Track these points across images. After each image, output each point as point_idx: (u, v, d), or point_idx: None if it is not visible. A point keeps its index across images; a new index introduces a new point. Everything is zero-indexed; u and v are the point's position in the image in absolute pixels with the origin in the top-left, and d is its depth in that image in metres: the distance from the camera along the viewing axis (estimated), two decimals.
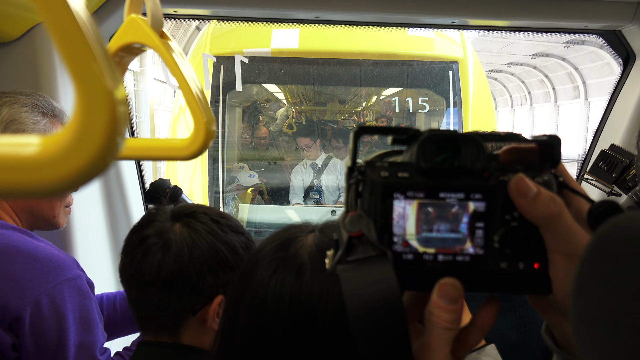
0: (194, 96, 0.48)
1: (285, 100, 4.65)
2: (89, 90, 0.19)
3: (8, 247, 1.07)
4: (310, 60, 3.79)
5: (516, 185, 0.41)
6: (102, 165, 0.20)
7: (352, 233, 0.39)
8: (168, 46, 0.48)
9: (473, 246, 0.42)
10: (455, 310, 0.40)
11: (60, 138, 0.20)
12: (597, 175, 1.49)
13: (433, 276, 0.41)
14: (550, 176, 0.42)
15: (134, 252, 0.97)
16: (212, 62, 3.55)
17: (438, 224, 0.42)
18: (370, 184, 0.41)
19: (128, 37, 0.47)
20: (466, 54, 3.83)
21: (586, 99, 12.14)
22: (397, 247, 0.42)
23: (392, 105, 4.29)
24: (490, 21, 1.71)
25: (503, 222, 0.41)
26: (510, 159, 0.46)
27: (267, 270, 0.60)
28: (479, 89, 3.88)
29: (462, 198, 0.41)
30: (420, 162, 0.41)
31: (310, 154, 4.10)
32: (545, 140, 0.44)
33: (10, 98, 1.13)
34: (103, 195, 1.84)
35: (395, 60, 3.79)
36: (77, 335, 1.10)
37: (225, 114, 3.78)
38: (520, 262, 0.42)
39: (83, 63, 0.18)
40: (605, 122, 1.93)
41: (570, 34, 2.21)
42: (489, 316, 0.45)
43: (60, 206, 1.26)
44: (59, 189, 0.20)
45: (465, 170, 0.41)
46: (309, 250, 0.61)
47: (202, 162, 3.63)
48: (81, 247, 1.65)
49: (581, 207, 0.43)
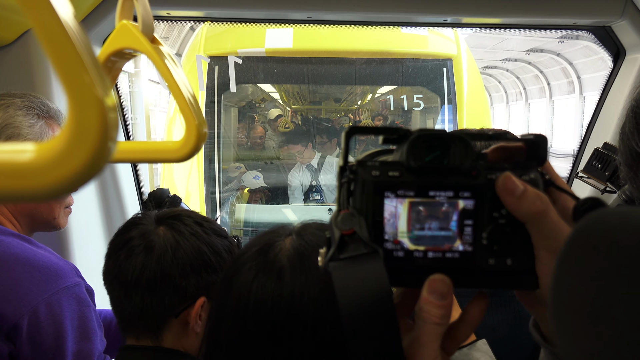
0: (185, 100, 0.49)
1: (281, 99, 4.66)
2: (80, 99, 0.20)
3: (6, 254, 1.05)
4: (305, 60, 3.80)
5: (503, 183, 0.42)
6: (94, 169, 0.21)
7: (344, 231, 0.40)
8: (159, 51, 0.49)
9: (462, 243, 0.43)
10: (445, 305, 0.41)
11: (53, 145, 0.21)
12: (591, 173, 1.50)
13: (423, 273, 0.42)
14: (537, 174, 0.43)
15: (118, 253, 0.97)
16: (206, 63, 3.56)
17: (429, 222, 0.43)
18: (362, 183, 0.42)
19: (119, 43, 0.49)
20: (460, 50, 3.84)
21: (581, 94, 12.18)
22: (388, 245, 0.43)
23: (387, 104, 4.30)
24: (482, 19, 1.72)
25: (491, 220, 0.43)
26: (498, 158, 0.47)
27: (248, 276, 0.62)
28: (474, 86, 3.90)
29: (451, 196, 0.42)
30: (410, 161, 0.42)
31: (304, 159, 4.12)
32: (532, 139, 0.45)
33: (4, 101, 1.11)
34: (100, 200, 1.85)
35: (389, 58, 3.80)
36: (75, 344, 1.09)
37: (220, 114, 3.78)
38: (508, 258, 0.43)
39: (74, 73, 0.19)
40: (596, 118, 1.94)
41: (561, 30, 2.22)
42: (478, 311, 0.46)
43: (59, 208, 1.25)
44: (54, 193, 0.21)
45: (454, 169, 0.42)
46: (288, 254, 0.63)
47: (198, 162, 3.63)
48: (79, 253, 1.65)
49: (567, 205, 0.44)
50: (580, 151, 2.03)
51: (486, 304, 0.46)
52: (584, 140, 2.02)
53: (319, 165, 4.11)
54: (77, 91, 0.20)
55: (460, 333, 0.46)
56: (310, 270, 0.61)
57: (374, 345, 0.38)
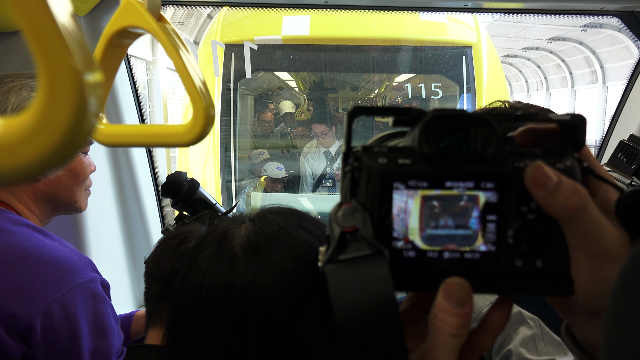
0: (192, 81, 0.47)
1: (297, 87, 4.63)
2: (52, 70, 0.17)
3: (19, 249, 1.02)
4: (322, 47, 3.76)
5: (533, 175, 0.36)
6: (66, 152, 0.18)
7: (345, 228, 0.35)
8: (165, 29, 0.46)
9: (484, 242, 0.37)
10: (463, 314, 0.36)
11: (21, 122, 0.18)
12: (615, 166, 1.45)
13: (438, 276, 0.37)
14: (574, 161, 0.37)
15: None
16: (222, 49, 3.54)
17: (445, 218, 0.37)
18: (367, 172, 0.37)
19: (124, 21, 0.46)
20: (480, 38, 3.76)
21: (604, 84, 11.92)
22: (397, 244, 0.37)
23: (405, 92, 4.25)
24: (504, 3, 1.67)
25: (518, 215, 0.37)
26: (527, 142, 0.41)
27: (202, 265, 0.61)
28: (494, 74, 3.82)
29: (471, 187, 0.37)
30: (424, 146, 0.36)
31: (326, 141, 4.08)
32: (568, 120, 0.39)
33: (15, 82, 1.08)
34: (115, 186, 1.85)
35: (407, 46, 3.75)
36: (92, 342, 1.05)
37: (236, 102, 3.77)
38: (538, 260, 0.37)
39: (45, 37, 0.17)
40: (622, 108, 1.89)
41: (587, 16, 2.14)
42: (500, 318, 0.40)
43: (80, 190, 1.22)
44: (15, 176, 0.18)
45: (475, 156, 0.37)
46: (241, 242, 0.61)
47: (214, 149, 3.63)
48: (94, 241, 1.65)
49: (608, 197, 0.38)
50: (604, 143, 1.98)
51: (510, 310, 0.41)
52: (608, 131, 1.96)
53: (337, 154, 4.07)
54: (48, 59, 0.17)
55: (482, 342, 0.40)
56: (264, 258, 0.59)
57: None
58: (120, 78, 1.80)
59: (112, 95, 1.75)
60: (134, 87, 1.87)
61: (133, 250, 1.96)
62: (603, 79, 11.96)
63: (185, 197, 1.46)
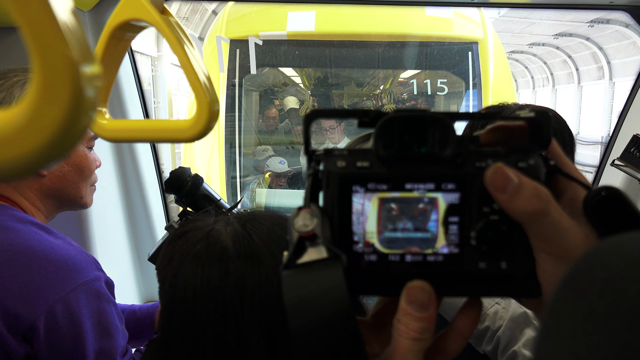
0: (197, 75, 0.46)
1: (302, 83, 4.62)
2: (47, 60, 0.16)
3: (22, 247, 1.00)
4: (327, 43, 3.75)
5: (492, 177, 0.35)
6: (62, 146, 0.17)
7: (303, 233, 0.34)
8: (169, 22, 0.45)
9: (447, 244, 0.36)
10: (426, 318, 0.34)
11: (13, 114, 0.17)
12: (628, 161, 1.43)
13: (401, 279, 0.36)
14: (538, 160, 0.36)
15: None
16: (226, 45, 3.54)
17: (403, 221, 0.36)
18: (326, 176, 0.36)
19: (127, 14, 0.45)
20: (486, 34, 3.74)
21: (611, 80, 11.84)
22: (358, 248, 0.36)
23: (410, 88, 4.23)
24: None
25: (480, 216, 0.36)
26: (494, 140, 0.40)
27: (193, 261, 0.66)
28: (500, 70, 3.80)
29: (432, 189, 0.36)
30: (380, 149, 0.35)
31: (334, 137, 4.05)
32: (532, 117, 0.37)
33: (20, 77, 1.06)
34: (119, 182, 1.85)
35: (413, 42, 3.73)
36: (96, 342, 1.04)
37: (241, 97, 3.77)
38: (502, 261, 0.36)
39: (39, 26, 0.16)
40: (630, 104, 1.87)
41: (595, 11, 2.11)
42: (469, 320, 0.39)
43: (86, 186, 1.21)
44: (8, 171, 0.18)
45: (433, 157, 0.36)
46: (231, 235, 0.67)
47: (219, 145, 3.63)
48: (99, 237, 1.65)
49: (577, 195, 0.37)
50: (611, 139, 1.96)
51: (479, 312, 0.39)
52: (616, 127, 1.94)
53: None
54: (42, 49, 0.16)
55: (451, 346, 0.39)
56: (252, 257, 0.65)
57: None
58: (125, 74, 1.80)
59: (116, 92, 1.74)
60: (138, 84, 1.86)
61: (137, 247, 1.96)
62: (610, 75, 11.88)
63: (189, 193, 1.45)
